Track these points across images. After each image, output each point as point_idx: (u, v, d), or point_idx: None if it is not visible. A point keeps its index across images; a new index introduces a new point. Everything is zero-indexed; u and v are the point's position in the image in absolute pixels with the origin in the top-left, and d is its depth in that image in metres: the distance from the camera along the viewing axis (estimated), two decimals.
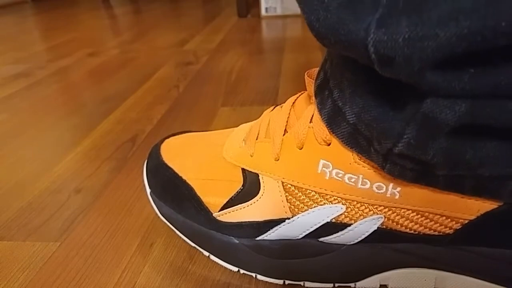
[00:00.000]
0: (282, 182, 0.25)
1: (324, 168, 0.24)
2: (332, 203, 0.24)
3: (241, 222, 0.26)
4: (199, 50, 0.97)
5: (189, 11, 1.66)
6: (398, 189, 0.22)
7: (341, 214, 0.24)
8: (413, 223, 0.23)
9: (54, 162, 0.47)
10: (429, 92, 0.17)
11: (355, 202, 0.24)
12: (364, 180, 0.23)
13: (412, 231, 0.24)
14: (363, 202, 0.23)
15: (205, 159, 0.30)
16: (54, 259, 0.31)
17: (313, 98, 0.25)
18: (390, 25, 0.15)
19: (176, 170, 0.30)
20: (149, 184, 0.32)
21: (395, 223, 0.24)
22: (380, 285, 0.27)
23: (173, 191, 0.30)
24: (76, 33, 1.29)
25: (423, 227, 0.23)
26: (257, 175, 0.26)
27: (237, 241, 0.27)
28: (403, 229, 0.24)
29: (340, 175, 0.23)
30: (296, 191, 0.25)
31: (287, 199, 0.25)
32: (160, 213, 0.31)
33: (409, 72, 0.16)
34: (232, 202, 0.27)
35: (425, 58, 0.15)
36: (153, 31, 1.25)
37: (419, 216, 0.23)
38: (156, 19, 1.51)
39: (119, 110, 0.62)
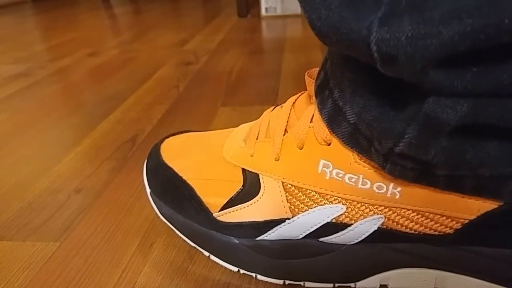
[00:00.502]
0: (282, 182, 0.25)
1: (324, 168, 0.24)
2: (332, 203, 0.24)
3: (241, 222, 0.26)
4: (199, 50, 0.97)
5: (189, 11, 1.66)
6: (399, 189, 0.22)
7: (341, 214, 0.24)
8: (413, 223, 0.23)
9: (54, 162, 0.47)
10: (431, 91, 0.17)
11: (356, 202, 0.24)
12: (365, 180, 0.23)
13: (412, 231, 0.24)
14: (364, 202, 0.23)
15: (205, 159, 0.30)
16: (54, 259, 0.31)
17: (314, 98, 0.24)
18: (392, 24, 0.15)
19: (176, 170, 0.30)
20: (149, 184, 0.32)
21: (395, 223, 0.23)
22: (380, 285, 0.27)
23: (173, 191, 0.29)
24: (76, 33, 1.29)
25: (423, 227, 0.23)
26: (257, 175, 0.26)
27: (237, 241, 0.27)
28: (403, 229, 0.24)
29: (340, 175, 0.23)
30: (296, 191, 0.25)
31: (287, 199, 0.25)
32: (160, 213, 0.31)
33: (412, 70, 0.16)
34: (232, 202, 0.27)
35: (428, 57, 0.15)
36: (153, 31, 1.25)
37: (419, 216, 0.23)
38: (156, 19, 1.51)
39: (119, 110, 0.62)
